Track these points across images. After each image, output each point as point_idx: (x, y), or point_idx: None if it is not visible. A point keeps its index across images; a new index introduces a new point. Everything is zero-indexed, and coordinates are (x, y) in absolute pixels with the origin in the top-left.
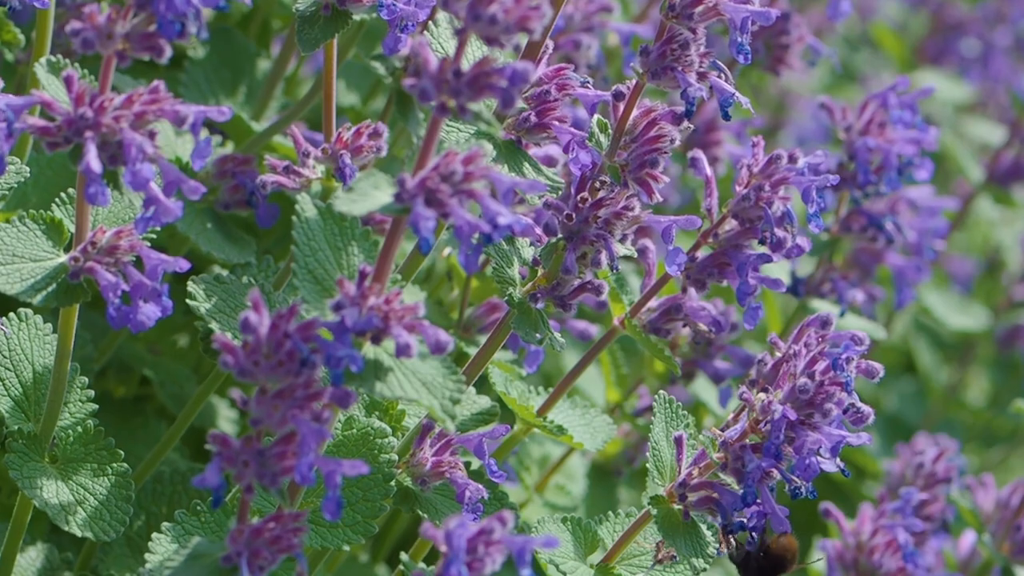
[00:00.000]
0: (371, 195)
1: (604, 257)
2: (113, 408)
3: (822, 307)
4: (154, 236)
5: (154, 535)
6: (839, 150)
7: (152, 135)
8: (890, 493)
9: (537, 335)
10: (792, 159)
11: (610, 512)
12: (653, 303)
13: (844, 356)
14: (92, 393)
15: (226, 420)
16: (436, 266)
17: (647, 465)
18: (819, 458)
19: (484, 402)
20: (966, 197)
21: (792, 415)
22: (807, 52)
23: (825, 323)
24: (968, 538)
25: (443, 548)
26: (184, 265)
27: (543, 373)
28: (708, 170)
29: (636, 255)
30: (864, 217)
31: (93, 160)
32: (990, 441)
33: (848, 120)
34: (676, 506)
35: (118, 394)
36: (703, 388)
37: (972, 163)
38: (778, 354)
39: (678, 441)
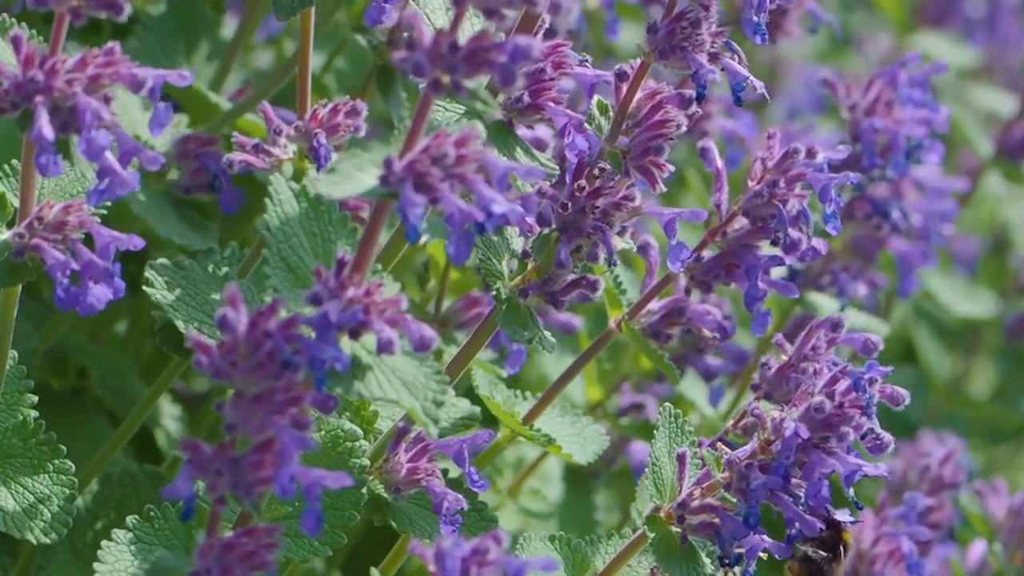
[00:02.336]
0: (355, 177)
1: (601, 251)
2: (51, 401)
3: (821, 301)
4: (104, 212)
5: (104, 543)
6: (835, 121)
7: (108, 100)
8: (892, 497)
9: (526, 334)
10: (811, 154)
11: (592, 523)
12: (653, 305)
13: (868, 376)
14: (32, 383)
15: (170, 417)
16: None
17: (644, 481)
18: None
19: (464, 405)
20: (973, 172)
21: (805, 434)
22: (806, 18)
23: (836, 326)
24: (978, 547)
25: (433, 568)
26: (139, 243)
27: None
28: (719, 162)
29: (636, 251)
30: (868, 204)
31: (45, 127)
32: (996, 437)
33: (853, 98)
34: (674, 529)
35: (54, 387)
36: (692, 385)
37: (980, 135)
38: (783, 358)
39: (681, 458)
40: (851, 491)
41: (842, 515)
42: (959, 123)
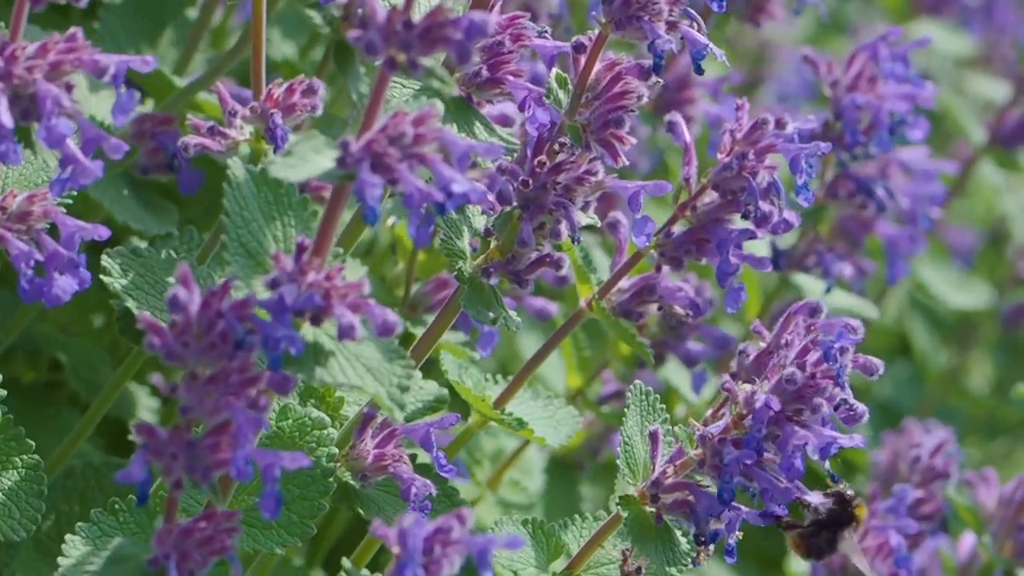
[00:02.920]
0: (311, 159)
1: (564, 227)
2: (21, 395)
3: (806, 282)
4: (69, 202)
5: (68, 536)
6: (825, 107)
7: (69, 88)
8: (881, 490)
9: (490, 314)
10: (780, 124)
11: (575, 514)
12: (624, 283)
13: (838, 346)
14: None
15: (147, 410)
16: (378, 238)
17: (618, 462)
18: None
19: (432, 388)
20: (967, 161)
21: (776, 406)
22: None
23: (814, 310)
24: (968, 539)
25: (395, 549)
26: (104, 233)
27: (497, 356)
28: (687, 136)
29: (603, 227)
30: (852, 182)
31: (4, 114)
32: (993, 432)
33: (834, 74)
34: (648, 508)
35: (26, 380)
36: (674, 372)
37: (973, 122)
38: (762, 344)
39: (653, 436)
40: (827, 464)
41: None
42: (952, 110)
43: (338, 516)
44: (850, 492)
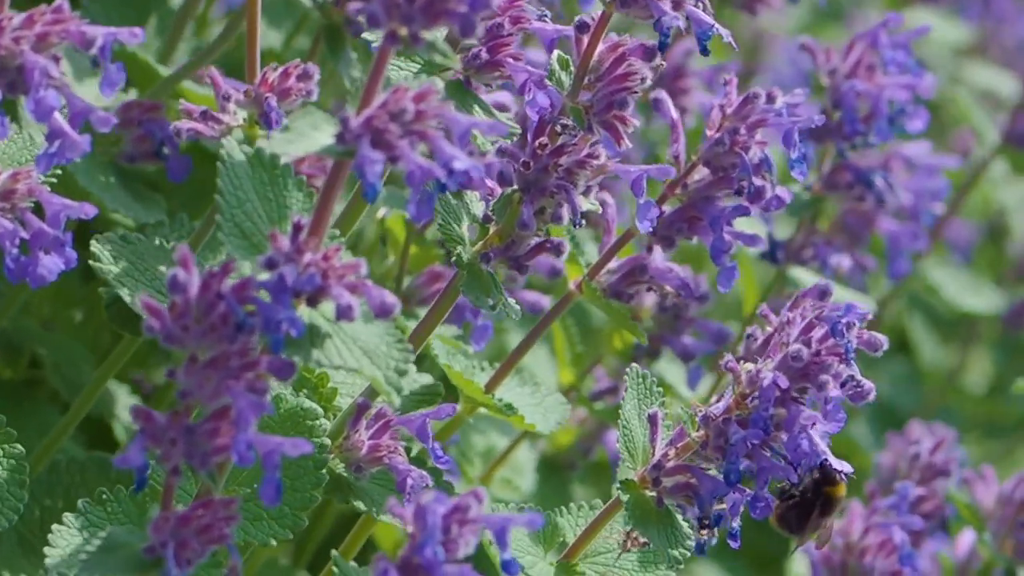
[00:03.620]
0: (309, 135)
1: (566, 211)
2: (0, 392)
3: (803, 275)
4: (54, 180)
5: (55, 527)
6: (821, 98)
7: (56, 60)
8: (882, 488)
9: (489, 300)
10: (770, 98)
11: (572, 503)
12: (613, 264)
13: (845, 321)
14: None
15: (126, 408)
16: (366, 231)
17: (618, 446)
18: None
19: (426, 379)
20: (968, 153)
21: (784, 383)
22: None
23: (823, 293)
24: (967, 537)
25: (411, 528)
26: (90, 211)
27: (486, 353)
28: (673, 112)
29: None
30: (850, 172)
31: None
32: (993, 432)
33: (832, 63)
34: (649, 492)
35: (5, 377)
36: (669, 368)
37: (987, 122)
38: (769, 328)
39: (652, 419)
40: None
41: (839, 464)
42: (960, 105)
43: (326, 515)
44: (846, 470)
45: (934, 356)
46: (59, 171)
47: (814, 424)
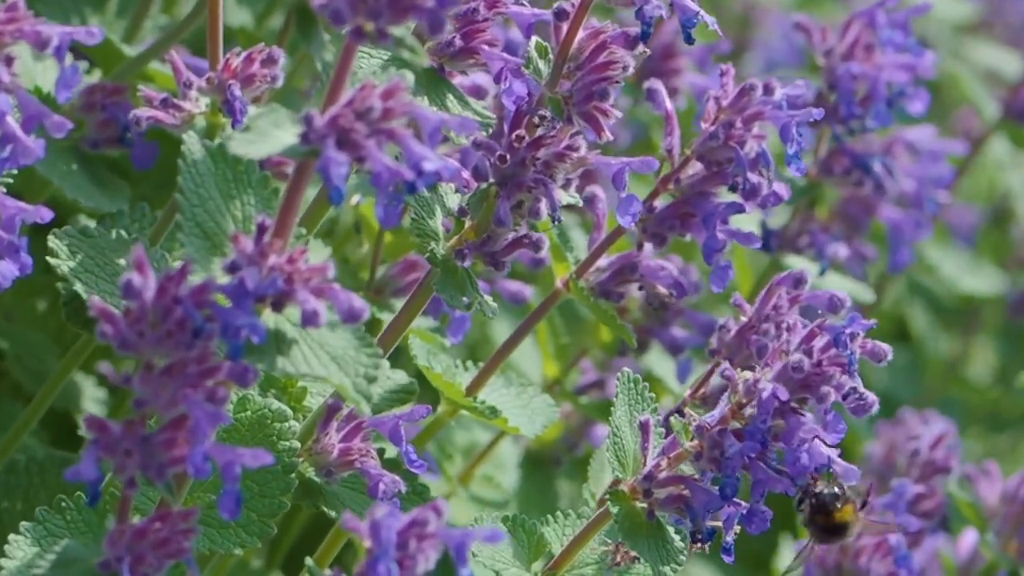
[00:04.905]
0: (272, 135)
1: (544, 206)
2: None
3: (798, 264)
4: (10, 181)
5: (11, 537)
6: (816, 77)
7: (9, 61)
8: (878, 484)
9: (464, 299)
10: (768, 90)
11: (552, 512)
12: (603, 262)
13: (848, 331)
14: None
15: (93, 401)
16: (342, 217)
17: (606, 454)
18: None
19: (400, 377)
20: (972, 134)
21: (784, 396)
22: None
23: (798, 282)
24: (969, 537)
25: (368, 542)
26: (46, 215)
27: (467, 343)
28: (668, 104)
29: (583, 204)
30: (847, 157)
31: None
32: (997, 425)
33: (829, 42)
34: (639, 504)
35: None
36: (658, 360)
37: (985, 97)
38: (743, 319)
39: (644, 427)
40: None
41: (843, 467)
42: (955, 80)
43: (298, 516)
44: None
45: (936, 344)
46: None
47: (815, 437)
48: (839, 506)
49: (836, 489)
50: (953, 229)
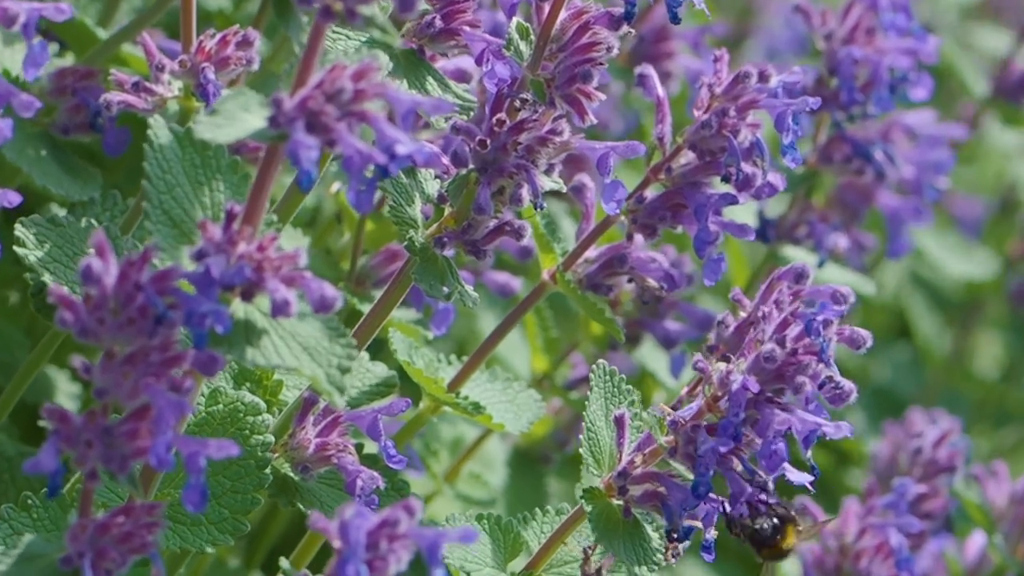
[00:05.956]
0: (240, 119)
1: (526, 192)
2: None
3: (796, 255)
4: None
5: None
6: (818, 63)
7: None
8: (880, 484)
9: (444, 288)
10: (763, 77)
11: (536, 509)
12: (591, 253)
13: (820, 318)
14: None
15: (66, 395)
16: (323, 205)
17: (581, 451)
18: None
19: (380, 370)
20: (973, 120)
21: (754, 387)
22: None
23: (800, 276)
24: (976, 539)
25: (337, 543)
26: (14, 199)
27: (454, 337)
28: (660, 90)
29: (569, 192)
30: (848, 145)
31: None
32: (1003, 420)
33: (829, 26)
34: (616, 501)
35: None
36: (651, 355)
37: (974, 74)
38: (742, 314)
39: (619, 421)
40: (808, 453)
41: (796, 476)
42: (947, 58)
43: (279, 512)
44: (788, 515)
45: (938, 338)
46: None
47: (789, 428)
48: (780, 536)
49: (774, 520)
50: (959, 221)
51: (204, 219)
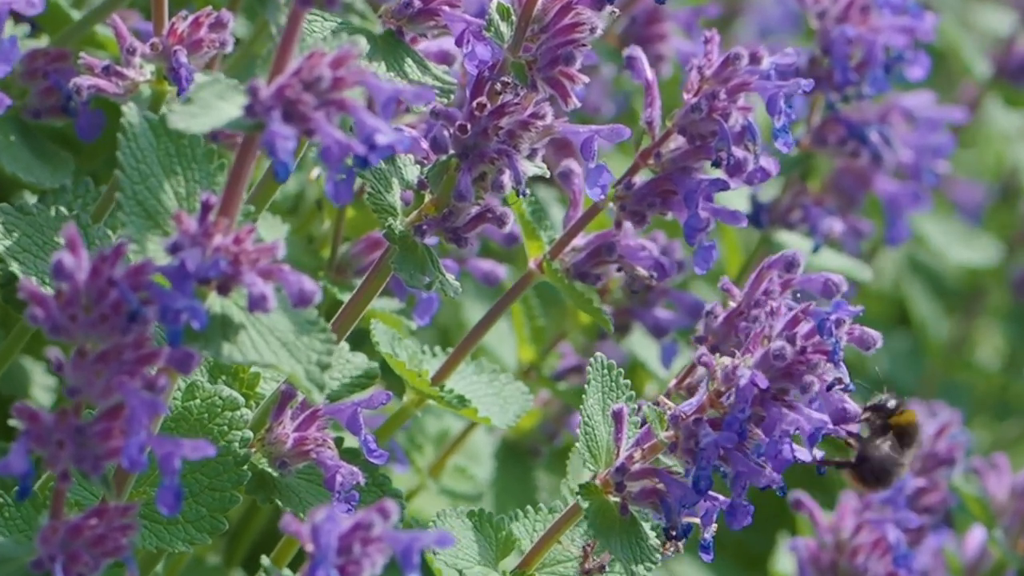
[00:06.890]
0: (215, 107)
1: (508, 178)
2: None
3: (790, 240)
4: None
5: None
6: (811, 43)
7: None
8: None
9: (424, 278)
10: (755, 59)
11: (527, 505)
12: (579, 241)
13: (834, 318)
14: None
15: (42, 388)
16: (307, 191)
17: (577, 446)
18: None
19: (360, 361)
20: (974, 103)
21: (763, 383)
22: None
23: (790, 264)
24: (976, 534)
25: (309, 547)
26: None
27: (439, 327)
28: (648, 72)
29: (556, 178)
30: (843, 126)
31: None
32: (1004, 412)
33: (822, 4)
34: (612, 498)
35: None
36: (641, 344)
37: (976, 54)
38: (732, 304)
39: (617, 416)
40: (815, 450)
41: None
42: (953, 42)
43: (259, 507)
44: (891, 403)
45: (937, 327)
46: None
47: (797, 428)
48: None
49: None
50: (959, 206)
51: (179, 210)
